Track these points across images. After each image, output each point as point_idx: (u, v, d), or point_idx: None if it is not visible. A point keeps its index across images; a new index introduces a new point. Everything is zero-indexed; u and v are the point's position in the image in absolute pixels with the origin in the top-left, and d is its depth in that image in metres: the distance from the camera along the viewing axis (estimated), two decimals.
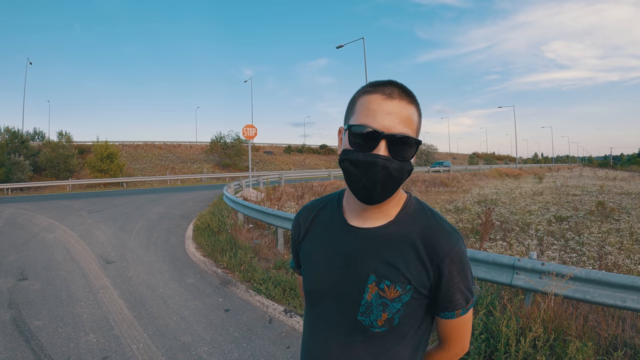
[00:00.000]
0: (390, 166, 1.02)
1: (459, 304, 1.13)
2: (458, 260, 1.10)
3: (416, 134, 1.08)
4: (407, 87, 1.08)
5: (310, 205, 1.37)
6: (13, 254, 8.40)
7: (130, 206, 16.87)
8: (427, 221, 1.14)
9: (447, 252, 1.09)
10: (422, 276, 1.10)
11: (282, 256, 7.48)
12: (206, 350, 4.18)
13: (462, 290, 1.12)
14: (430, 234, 1.11)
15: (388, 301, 1.10)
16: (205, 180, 38.00)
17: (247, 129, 19.90)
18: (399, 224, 1.14)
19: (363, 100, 1.07)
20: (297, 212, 1.42)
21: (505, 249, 7.31)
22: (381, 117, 1.03)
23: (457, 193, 20.93)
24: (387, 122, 1.02)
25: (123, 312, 5.19)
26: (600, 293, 3.63)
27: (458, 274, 1.10)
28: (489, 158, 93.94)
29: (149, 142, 47.22)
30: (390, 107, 1.03)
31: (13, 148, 32.11)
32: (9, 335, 4.51)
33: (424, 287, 1.11)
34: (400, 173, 1.05)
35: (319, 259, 1.23)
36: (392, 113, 1.03)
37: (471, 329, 1.22)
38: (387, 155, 1.02)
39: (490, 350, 3.74)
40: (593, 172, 52.75)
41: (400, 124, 1.03)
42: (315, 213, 1.32)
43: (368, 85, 1.09)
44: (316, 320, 1.24)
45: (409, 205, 1.18)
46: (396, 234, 1.13)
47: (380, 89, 1.05)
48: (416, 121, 1.08)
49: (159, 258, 7.97)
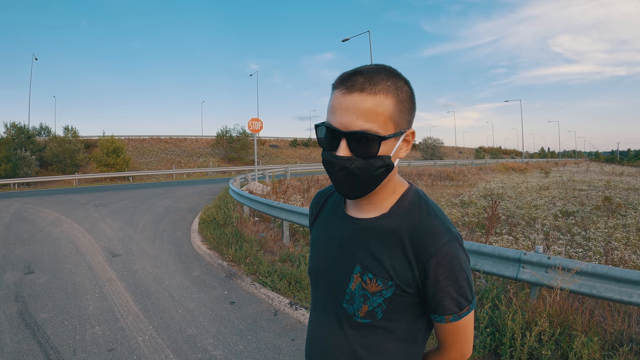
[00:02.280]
0: (350, 165, 0.99)
1: (449, 310, 1.06)
2: (446, 263, 1.02)
3: (390, 124, 1.00)
4: (378, 74, 0.99)
5: (322, 191, 1.39)
6: (19, 247, 8.46)
7: (136, 200, 16.93)
8: (419, 217, 1.08)
9: (433, 254, 1.02)
10: (406, 274, 1.06)
11: (287, 249, 7.49)
12: (211, 343, 4.20)
13: (452, 296, 1.04)
14: (418, 231, 1.06)
15: (369, 294, 1.08)
16: (211, 174, 37.99)
17: (252, 122, 19.93)
18: (390, 217, 1.10)
19: (331, 97, 1.03)
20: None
21: (512, 243, 7.29)
22: (339, 114, 0.98)
23: (463, 187, 20.88)
24: (345, 119, 0.97)
25: (129, 304, 5.22)
26: (606, 288, 3.61)
27: (446, 278, 1.03)
28: (495, 152, 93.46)
29: (155, 136, 47.24)
30: (349, 103, 0.97)
31: (19, 143, 32.13)
32: (16, 328, 4.55)
33: (408, 285, 1.06)
34: (367, 171, 1.00)
35: (320, 244, 1.25)
36: (350, 109, 0.97)
37: (471, 336, 1.15)
38: (346, 155, 0.99)
39: (496, 344, 3.74)
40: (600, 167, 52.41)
41: (360, 120, 0.96)
42: (324, 200, 1.34)
43: (337, 78, 1.03)
44: (314, 302, 1.28)
45: (405, 199, 1.13)
46: (385, 228, 1.10)
47: (343, 83, 1.00)
48: (386, 111, 0.98)
49: (164, 251, 8.00)
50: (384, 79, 0.99)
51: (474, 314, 1.13)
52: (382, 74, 1.00)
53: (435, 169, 31.75)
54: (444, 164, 42.77)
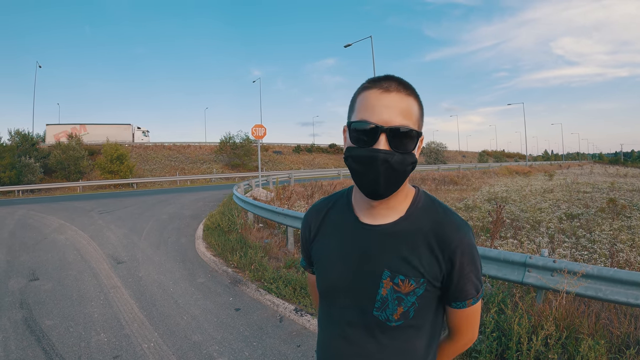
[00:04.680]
0: (391, 159, 1.04)
1: (470, 294, 1.16)
2: (468, 251, 1.12)
3: (417, 125, 1.09)
4: (404, 80, 1.08)
5: (318, 205, 1.38)
6: (24, 254, 8.48)
7: (141, 207, 16.97)
8: (438, 215, 1.16)
9: (458, 244, 1.11)
10: (434, 269, 1.12)
11: (292, 255, 7.49)
12: (217, 349, 4.20)
13: (472, 280, 1.15)
14: (441, 227, 1.13)
15: (403, 295, 1.12)
16: (215, 181, 38.06)
17: (256, 128, 19.92)
18: (410, 219, 1.16)
19: (362, 97, 1.08)
20: (306, 212, 1.43)
21: (516, 247, 7.27)
22: (379, 110, 1.04)
23: (467, 191, 20.83)
24: (386, 115, 1.03)
25: (134, 311, 5.22)
26: (612, 290, 3.60)
27: (468, 264, 1.12)
28: (498, 156, 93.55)
29: (159, 143, 47.42)
30: (388, 101, 1.04)
31: (23, 150, 32.27)
32: (21, 334, 4.56)
33: (436, 279, 1.13)
34: (403, 165, 1.06)
35: (333, 257, 1.25)
36: (390, 106, 1.04)
37: (479, 319, 1.25)
38: (387, 149, 1.04)
39: (502, 348, 3.72)
40: (604, 169, 52.22)
41: (399, 116, 1.03)
42: (324, 213, 1.33)
43: (366, 81, 1.10)
44: (332, 318, 1.26)
45: (418, 200, 1.20)
46: (408, 230, 1.15)
47: (378, 84, 1.06)
48: (416, 113, 1.08)
49: (169, 258, 8.01)
50: (411, 86, 1.09)
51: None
52: (408, 83, 1.10)
53: (439, 174, 31.78)
54: (448, 168, 42.79)
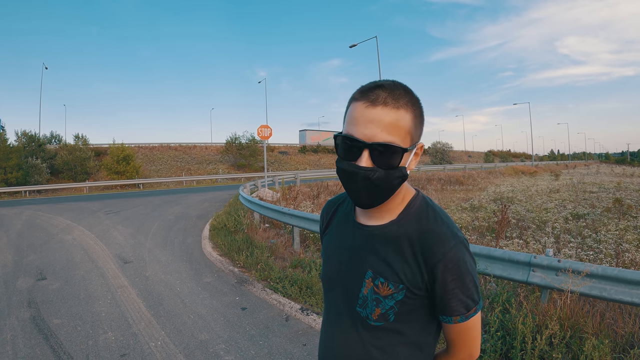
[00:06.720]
0: (372, 176, 1.03)
1: (456, 311, 1.10)
2: (453, 267, 1.07)
3: (407, 138, 1.05)
4: (398, 89, 1.04)
5: (333, 199, 1.44)
6: (32, 254, 8.55)
7: (147, 207, 17.06)
8: (426, 223, 1.13)
9: (440, 258, 1.07)
10: (416, 277, 1.10)
11: (298, 255, 7.51)
12: (223, 348, 4.23)
13: (459, 298, 1.09)
14: (426, 236, 1.10)
15: (381, 297, 1.13)
16: (221, 181, 38.13)
17: (262, 129, 19.96)
18: (399, 224, 1.15)
19: (350, 109, 1.06)
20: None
21: (522, 247, 7.25)
22: (363, 126, 1.02)
23: (473, 191, 20.77)
24: (369, 131, 1.01)
25: (141, 310, 5.26)
26: (617, 290, 3.60)
27: (453, 281, 1.07)
28: (504, 156, 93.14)
29: (165, 144, 47.48)
30: (372, 115, 1.01)
31: (30, 151, 32.49)
32: (29, 333, 4.61)
33: (418, 288, 1.11)
34: (388, 181, 1.05)
35: (333, 251, 1.30)
36: (375, 121, 1.01)
37: (479, 337, 1.20)
38: (369, 166, 1.02)
39: (507, 347, 3.73)
40: (610, 168, 51.81)
41: (384, 132, 1.01)
42: (335, 208, 1.39)
43: (357, 91, 1.07)
44: (327, 308, 1.32)
45: (412, 205, 1.17)
46: (395, 234, 1.14)
47: (365, 96, 1.03)
48: (406, 125, 1.04)
49: (176, 258, 8.06)
50: (404, 95, 1.04)
51: (480, 315, 1.16)
52: (401, 90, 1.04)
53: (445, 174, 31.70)
54: (454, 169, 42.71)
